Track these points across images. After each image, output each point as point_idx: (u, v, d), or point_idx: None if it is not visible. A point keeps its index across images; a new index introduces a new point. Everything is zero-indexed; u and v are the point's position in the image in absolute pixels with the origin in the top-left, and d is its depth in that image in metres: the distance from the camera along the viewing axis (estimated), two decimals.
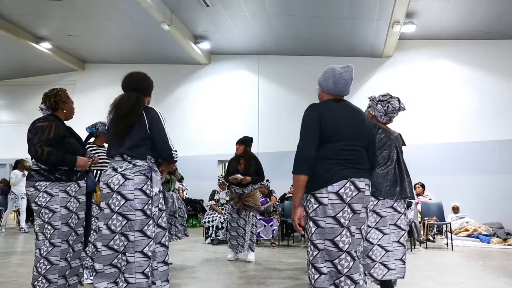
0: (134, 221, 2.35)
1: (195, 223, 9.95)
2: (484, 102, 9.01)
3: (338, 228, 2.07)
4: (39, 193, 2.76)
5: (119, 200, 2.36)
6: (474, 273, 4.64)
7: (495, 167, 8.66)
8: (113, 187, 2.38)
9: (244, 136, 5.39)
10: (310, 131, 2.15)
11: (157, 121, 2.47)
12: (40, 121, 2.83)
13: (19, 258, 4.98)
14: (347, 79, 2.25)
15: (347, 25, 8.70)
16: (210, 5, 8.29)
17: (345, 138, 2.16)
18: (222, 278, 4.12)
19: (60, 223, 2.77)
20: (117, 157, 2.47)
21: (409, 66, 9.72)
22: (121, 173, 2.40)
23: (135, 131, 2.45)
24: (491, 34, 8.86)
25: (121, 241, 2.36)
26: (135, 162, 2.42)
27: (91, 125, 3.84)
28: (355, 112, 2.28)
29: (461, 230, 7.63)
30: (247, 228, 5.14)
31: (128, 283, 2.32)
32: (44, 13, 9.10)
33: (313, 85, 7.70)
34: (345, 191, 2.07)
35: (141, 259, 2.34)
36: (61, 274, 2.76)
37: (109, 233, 2.38)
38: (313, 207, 2.12)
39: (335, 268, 2.07)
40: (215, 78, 11.37)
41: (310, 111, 2.22)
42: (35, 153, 2.70)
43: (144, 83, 2.70)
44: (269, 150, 10.22)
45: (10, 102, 13.47)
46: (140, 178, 2.40)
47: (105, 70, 12.37)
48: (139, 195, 2.37)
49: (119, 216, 2.36)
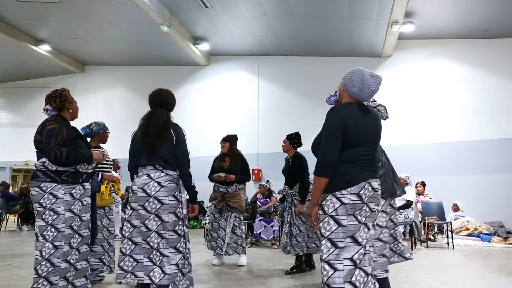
0: (168, 222, 2.72)
1: (195, 224, 9.96)
2: (484, 101, 9.01)
3: (358, 225, 2.18)
4: (44, 194, 2.76)
5: (155, 204, 2.71)
6: (475, 272, 4.64)
7: (496, 166, 8.65)
8: (150, 193, 2.72)
9: (228, 134, 5.22)
10: (334, 137, 2.22)
11: (182, 137, 2.87)
12: (51, 123, 2.81)
13: (19, 261, 4.98)
14: (374, 90, 2.28)
15: (346, 25, 8.71)
16: (209, 6, 8.29)
17: (366, 145, 2.26)
18: (223, 279, 4.12)
19: (64, 226, 2.77)
20: (149, 166, 2.80)
21: (408, 65, 9.72)
22: (156, 180, 2.75)
23: (166, 144, 2.80)
24: (490, 33, 8.86)
25: (156, 239, 2.70)
26: (167, 172, 2.79)
27: (86, 126, 3.82)
28: (373, 118, 2.34)
29: (461, 229, 7.63)
30: (228, 229, 4.91)
31: (165, 274, 2.66)
32: (44, 15, 9.11)
33: (312, 85, 7.64)
34: (364, 192, 2.19)
35: (175, 254, 2.72)
36: (62, 276, 2.75)
37: (146, 231, 2.72)
38: (334, 207, 2.18)
39: (353, 264, 2.14)
40: (214, 79, 11.38)
41: (334, 116, 2.25)
42: (55, 156, 2.71)
43: (171, 101, 3.07)
44: (268, 151, 10.23)
45: (9, 104, 13.47)
46: (172, 186, 2.77)
47: (104, 72, 12.38)
48: (172, 200, 2.75)
49: (156, 217, 2.72)
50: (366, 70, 2.31)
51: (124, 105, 11.56)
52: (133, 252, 2.73)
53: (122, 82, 12.12)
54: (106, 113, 10.98)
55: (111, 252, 3.89)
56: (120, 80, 12.19)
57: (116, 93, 12.11)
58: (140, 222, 2.74)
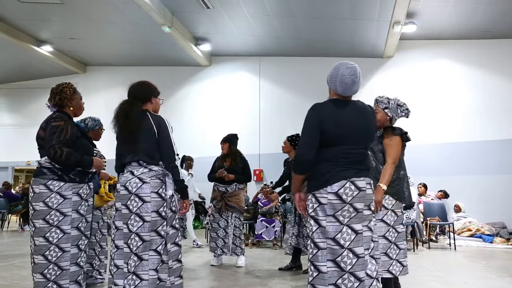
0: (150, 222, 2.51)
1: (197, 225, 9.95)
2: (486, 102, 9.00)
3: (338, 226, 2.12)
4: (51, 193, 2.62)
5: (137, 202, 2.52)
6: (477, 273, 4.63)
7: (498, 166, 8.64)
8: (131, 190, 2.53)
9: (228, 134, 5.20)
10: (310, 136, 2.20)
11: (164, 128, 2.63)
12: (56, 120, 2.69)
13: (20, 261, 4.98)
14: (348, 83, 2.21)
15: (348, 25, 8.70)
16: (211, 7, 8.30)
17: (346, 142, 2.18)
18: (224, 279, 4.12)
19: (69, 227, 2.64)
20: (133, 163, 2.61)
21: (410, 66, 9.71)
22: (138, 176, 2.55)
23: (146, 138, 2.59)
24: (492, 33, 8.85)
25: (135, 241, 2.49)
26: (151, 167, 2.58)
27: (80, 121, 3.67)
28: (359, 113, 2.25)
29: (463, 230, 7.61)
30: (229, 230, 4.86)
31: (142, 280, 2.45)
32: (45, 16, 9.12)
33: (314, 86, 7.65)
34: (344, 191, 2.12)
35: (154, 257, 2.51)
36: (72, 279, 2.64)
37: (127, 232, 2.53)
38: (313, 207, 2.17)
39: (337, 266, 2.09)
40: (216, 79, 11.38)
41: (311, 114, 2.24)
42: (54, 154, 2.57)
43: (139, 91, 2.80)
44: (270, 151, 10.22)
45: (11, 105, 13.50)
46: (156, 182, 2.56)
47: (106, 72, 12.41)
48: (155, 197, 2.54)
49: (137, 217, 2.51)
50: (345, 63, 2.26)
51: None
52: (115, 257, 2.54)
53: (124, 82, 11.83)
54: (108, 114, 10.83)
55: (102, 256, 3.75)
56: (122, 81, 12.04)
57: (118, 93, 11.86)
58: (123, 223, 2.54)
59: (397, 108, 3.03)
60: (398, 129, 2.95)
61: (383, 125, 3.00)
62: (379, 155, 2.91)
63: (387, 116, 3.02)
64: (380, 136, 2.95)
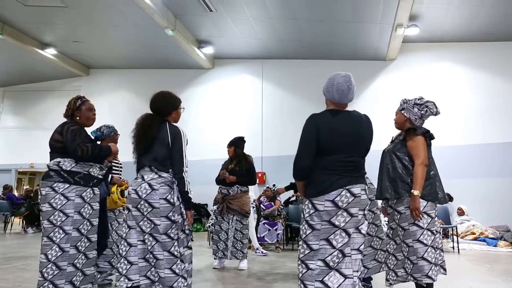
0: (160, 226, 2.65)
1: (199, 227, 9.96)
2: (489, 104, 8.97)
3: (332, 228, 2.23)
4: (56, 194, 2.76)
5: (146, 207, 2.66)
6: (481, 276, 4.60)
7: (501, 169, 8.60)
8: (141, 195, 2.67)
9: (234, 137, 5.19)
10: (307, 144, 2.30)
11: (178, 139, 2.78)
12: (71, 125, 2.89)
13: (23, 263, 4.99)
14: (344, 89, 2.32)
15: (351, 28, 8.71)
16: (214, 10, 8.33)
17: (342, 152, 2.28)
18: (227, 282, 4.11)
19: (71, 228, 2.76)
20: (146, 168, 2.75)
21: (412, 68, 9.70)
22: (148, 182, 2.68)
23: (160, 146, 2.74)
24: (494, 36, 8.83)
25: (149, 241, 2.66)
26: (161, 174, 2.71)
27: (96, 129, 3.85)
28: (355, 123, 2.35)
29: (467, 234, 7.57)
30: (230, 233, 4.86)
31: (159, 277, 2.64)
32: (49, 19, 9.19)
33: (316, 89, 7.65)
34: (340, 199, 2.23)
35: (168, 257, 2.65)
36: (68, 279, 2.73)
37: (141, 231, 2.69)
38: (309, 212, 2.28)
39: (326, 265, 2.21)
40: (218, 82, 11.41)
41: (309, 123, 2.34)
42: (81, 152, 2.76)
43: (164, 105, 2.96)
44: (273, 154, 10.22)
45: (15, 107, 13.57)
46: (164, 189, 2.68)
47: (109, 75, 12.46)
48: (163, 204, 2.66)
49: (148, 220, 2.67)
50: (339, 73, 2.37)
51: (129, 108, 11.58)
52: (128, 254, 2.65)
53: (127, 85, 12.19)
54: (111, 116, 10.95)
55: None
56: (125, 84, 12.25)
57: (121, 96, 12.17)
58: (135, 223, 2.70)
59: (414, 107, 2.98)
60: (420, 128, 2.90)
61: (401, 127, 2.98)
62: (404, 158, 2.87)
63: (404, 118, 2.99)
64: (403, 139, 2.92)
